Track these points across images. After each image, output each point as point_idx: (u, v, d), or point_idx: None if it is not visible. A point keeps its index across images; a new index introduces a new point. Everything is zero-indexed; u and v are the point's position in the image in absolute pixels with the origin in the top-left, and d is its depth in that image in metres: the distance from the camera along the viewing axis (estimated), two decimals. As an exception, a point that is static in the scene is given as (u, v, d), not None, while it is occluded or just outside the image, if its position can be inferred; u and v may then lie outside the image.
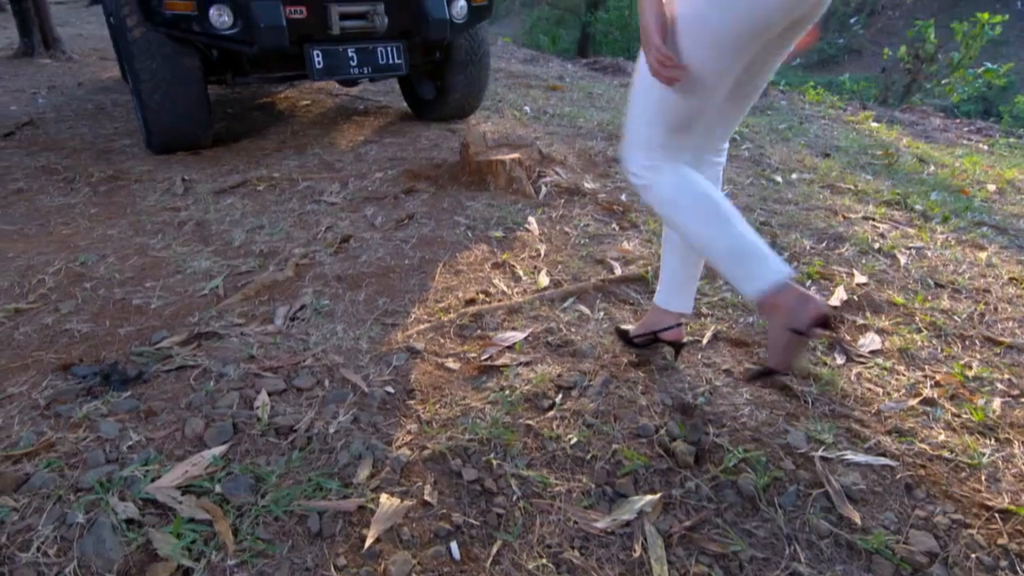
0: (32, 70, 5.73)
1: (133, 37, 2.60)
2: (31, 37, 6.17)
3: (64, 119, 3.81)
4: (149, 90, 2.66)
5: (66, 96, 4.56)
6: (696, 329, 1.56)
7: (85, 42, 7.57)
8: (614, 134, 3.42)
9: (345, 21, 2.64)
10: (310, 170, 2.72)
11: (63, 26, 7.96)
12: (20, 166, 2.87)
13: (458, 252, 1.99)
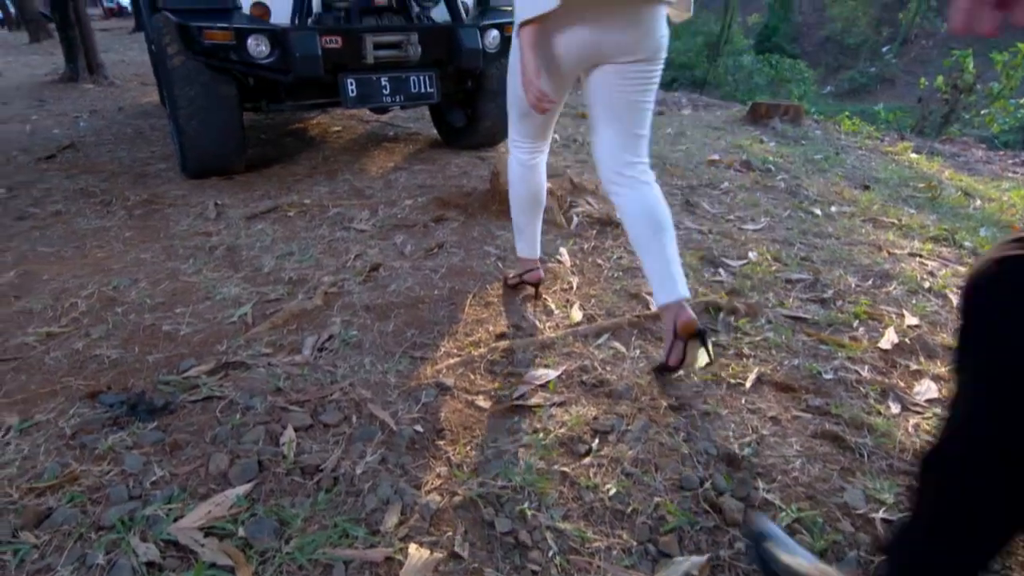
0: (76, 94, 5.93)
1: (173, 65, 2.66)
2: (76, 63, 6.41)
3: (104, 143, 3.91)
4: (186, 116, 2.71)
5: (107, 120, 4.69)
6: (738, 371, 1.49)
7: (127, 68, 7.85)
8: (645, 163, 3.37)
9: (379, 51, 2.66)
10: (340, 196, 2.73)
11: (107, 52, 8.28)
12: (60, 188, 2.93)
13: (488, 283, 1.94)
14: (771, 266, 2.04)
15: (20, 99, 5.76)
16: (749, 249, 2.17)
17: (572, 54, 1.37)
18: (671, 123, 4.95)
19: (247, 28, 2.50)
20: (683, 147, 3.93)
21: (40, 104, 5.44)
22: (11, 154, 3.65)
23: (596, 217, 2.37)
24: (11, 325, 1.77)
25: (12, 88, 6.46)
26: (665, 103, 6.16)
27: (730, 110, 5.82)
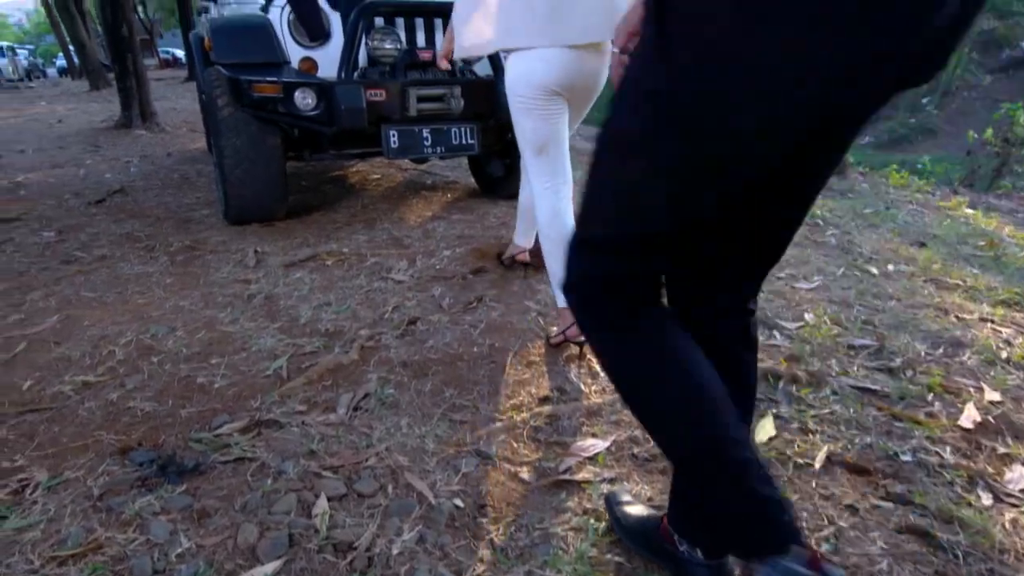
0: (128, 140, 6.19)
1: (222, 116, 2.72)
2: (131, 111, 6.72)
3: (151, 187, 4.02)
4: (232, 165, 2.75)
5: (156, 165, 4.85)
6: (805, 449, 1.37)
7: (178, 115, 8.21)
8: (686, 215, 3.30)
9: (422, 103, 2.69)
10: (379, 246, 2.71)
11: (159, 100, 8.69)
12: (107, 233, 2.98)
13: (529, 341, 1.87)
14: (831, 330, 1.92)
15: (77, 144, 6.03)
16: (805, 310, 2.06)
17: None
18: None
19: (294, 81, 2.55)
20: (724, 199, 3.85)
21: (95, 149, 5.69)
22: (64, 197, 3.77)
23: (640, 272, 2.29)
24: (50, 373, 1.75)
25: (71, 133, 6.79)
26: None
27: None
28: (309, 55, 2.86)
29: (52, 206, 3.56)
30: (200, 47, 3.57)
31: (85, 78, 13.04)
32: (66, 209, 3.48)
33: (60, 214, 3.38)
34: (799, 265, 2.55)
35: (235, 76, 2.59)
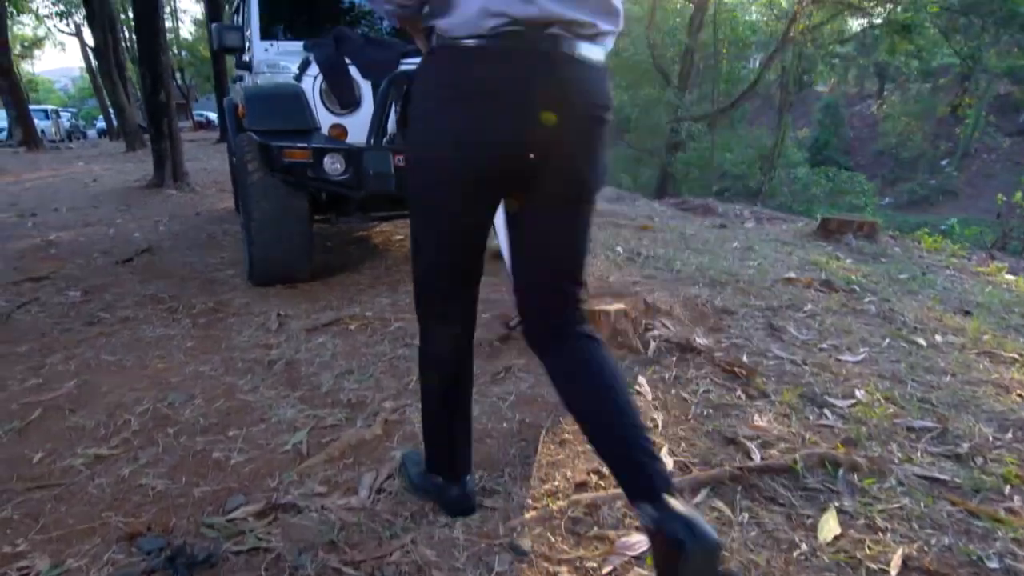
0: (159, 200, 6.35)
1: (252, 180, 2.74)
2: (163, 171, 6.93)
3: (178, 247, 4.06)
4: (259, 227, 2.75)
5: (184, 225, 4.93)
6: (877, 551, 1.23)
7: (208, 175, 8.45)
8: (716, 280, 3.22)
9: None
10: (403, 309, 2.66)
11: (191, 161, 8.97)
12: (131, 293, 2.98)
13: (562, 416, 1.76)
14: (886, 409, 1.79)
15: (110, 203, 6.19)
16: (855, 386, 1.93)
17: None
18: (736, 236, 4.84)
19: (324, 147, 2.57)
20: (754, 263, 3.77)
21: (126, 208, 5.83)
22: (93, 256, 3.81)
23: (675, 342, 2.19)
24: (62, 444, 1.68)
25: (105, 192, 7.00)
26: (727, 216, 6.09)
27: (796, 224, 5.69)
28: (339, 122, 2.90)
29: (81, 265, 3.59)
30: (233, 113, 3.67)
31: (122, 139, 13.61)
32: (94, 268, 3.51)
33: (87, 273, 3.40)
34: (840, 335, 2.43)
35: (266, 142, 2.62)
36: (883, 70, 28.64)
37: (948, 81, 26.77)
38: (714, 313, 2.58)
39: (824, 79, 29.08)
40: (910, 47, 17.53)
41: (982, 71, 22.42)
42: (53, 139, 19.74)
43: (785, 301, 2.85)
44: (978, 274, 4.03)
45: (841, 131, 28.44)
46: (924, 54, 18.75)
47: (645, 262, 3.67)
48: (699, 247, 4.22)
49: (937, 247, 4.72)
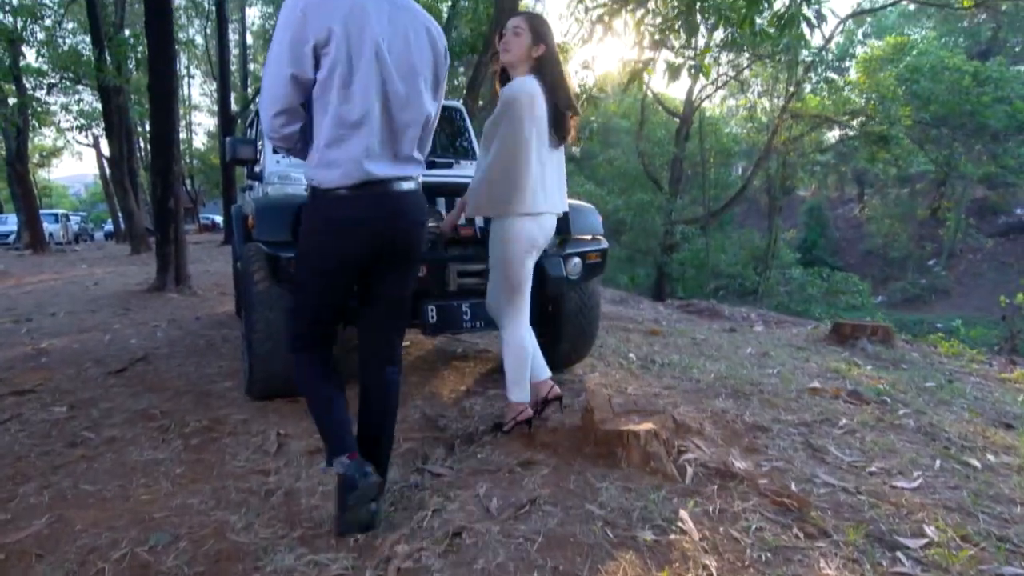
0: (159, 303, 6.26)
1: (257, 290, 2.65)
2: (166, 274, 6.91)
3: (175, 355, 3.91)
4: (261, 339, 2.63)
5: (183, 330, 4.80)
6: None
7: (210, 277, 8.44)
8: (739, 390, 3.06)
9: (463, 278, 2.62)
10: (411, 427, 2.47)
11: (195, 263, 9.01)
12: (121, 409, 2.79)
13: (599, 562, 1.55)
14: (966, 551, 1.58)
15: (109, 307, 6.10)
16: (922, 521, 1.73)
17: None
18: (747, 341, 4.73)
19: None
20: (773, 370, 3.63)
21: (125, 312, 5.72)
22: (84, 366, 3.65)
23: (713, 467, 2.00)
24: (20, 601, 1.45)
25: (105, 296, 6.93)
26: (734, 319, 6.02)
27: (806, 328, 5.61)
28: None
29: (70, 376, 3.42)
30: (242, 222, 3.67)
31: (128, 242, 13.81)
32: (83, 380, 3.33)
33: (76, 385, 3.22)
34: (887, 455, 2.24)
35: (275, 253, 2.54)
36: (862, 176, 29.98)
37: (925, 186, 27.95)
38: (747, 430, 2.41)
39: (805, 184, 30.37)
40: (888, 156, 18.48)
41: (957, 177, 23.45)
42: (60, 241, 20.08)
43: (817, 415, 2.68)
44: (1004, 381, 3.89)
45: (827, 232, 29.29)
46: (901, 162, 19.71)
47: (661, 370, 3.52)
48: (713, 353, 4.10)
49: (955, 352, 4.61)
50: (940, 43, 23.75)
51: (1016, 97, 19.37)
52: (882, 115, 16.91)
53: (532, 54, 2.12)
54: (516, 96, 2.08)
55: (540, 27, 2.15)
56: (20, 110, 12.92)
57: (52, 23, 12.55)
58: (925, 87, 18.73)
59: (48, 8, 12.55)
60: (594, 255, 2.93)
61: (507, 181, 2.13)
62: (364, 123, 1.53)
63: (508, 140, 2.08)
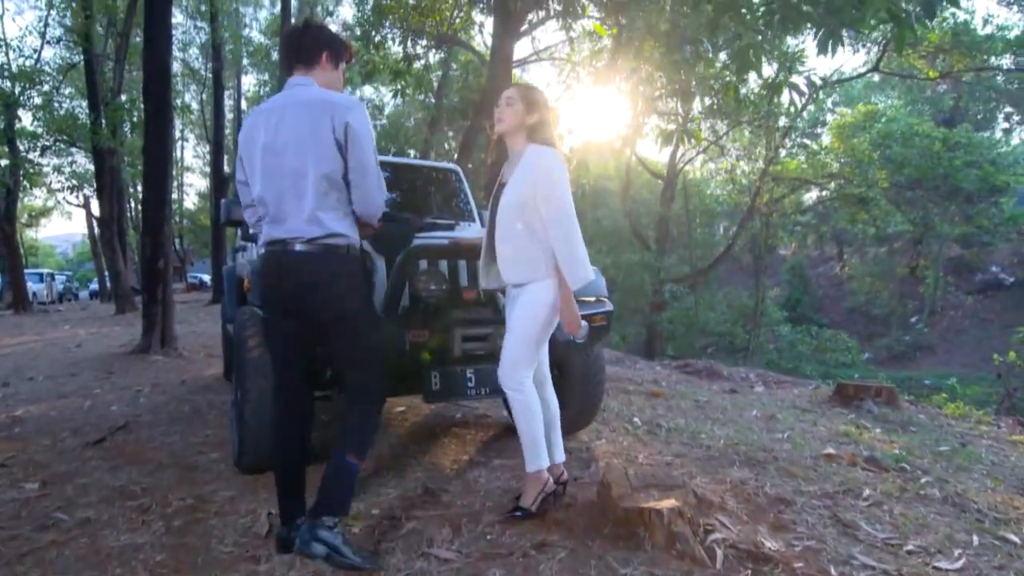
0: (143, 366, 6.05)
1: (250, 357, 2.53)
2: (152, 336, 6.72)
3: (158, 423, 3.71)
4: (254, 409, 2.48)
5: (167, 395, 4.60)
6: None
7: (197, 338, 8.23)
8: (752, 457, 2.94)
9: (467, 343, 2.52)
10: (414, 504, 2.31)
11: (181, 323, 8.80)
12: (98, 485, 2.60)
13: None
14: (1030, 645, 1.45)
15: (90, 370, 5.88)
16: (975, 609, 1.60)
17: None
18: (751, 402, 4.62)
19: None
20: (783, 435, 3.52)
21: (107, 376, 5.50)
22: (61, 436, 3.44)
23: (743, 549, 1.86)
24: None
25: (87, 358, 6.70)
26: (733, 379, 5.92)
27: (808, 388, 5.52)
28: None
29: (45, 447, 3.21)
30: (236, 285, 3.57)
31: (113, 302, 13.57)
32: (59, 451, 3.13)
33: (51, 458, 3.02)
34: (921, 531, 2.12)
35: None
36: (841, 235, 30.68)
37: (902, 245, 28.62)
38: (770, 504, 2.27)
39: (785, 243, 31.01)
40: (867, 216, 19.03)
41: (934, 236, 24.09)
42: (44, 301, 19.70)
43: (838, 485, 2.56)
44: (1016, 444, 3.79)
45: (810, 290, 29.67)
46: (879, 222, 20.26)
47: (669, 435, 3.39)
48: (719, 416, 3.98)
49: (962, 414, 4.54)
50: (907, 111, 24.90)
51: (984, 161, 20.17)
52: (860, 178, 17.50)
53: (526, 122, 2.16)
54: (562, 165, 2.13)
55: (532, 96, 2.19)
56: (12, 171, 12.93)
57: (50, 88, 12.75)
58: (898, 152, 19.46)
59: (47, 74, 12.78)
60: (599, 318, 2.85)
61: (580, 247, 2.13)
62: (260, 201, 1.96)
63: (569, 207, 2.09)
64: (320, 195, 1.88)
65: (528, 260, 2.13)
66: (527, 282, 2.14)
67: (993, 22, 18.29)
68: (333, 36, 2.06)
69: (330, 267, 1.91)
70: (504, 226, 2.15)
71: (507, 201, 2.14)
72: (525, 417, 2.14)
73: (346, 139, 1.87)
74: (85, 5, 10.12)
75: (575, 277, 2.07)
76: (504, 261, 2.17)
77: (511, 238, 2.14)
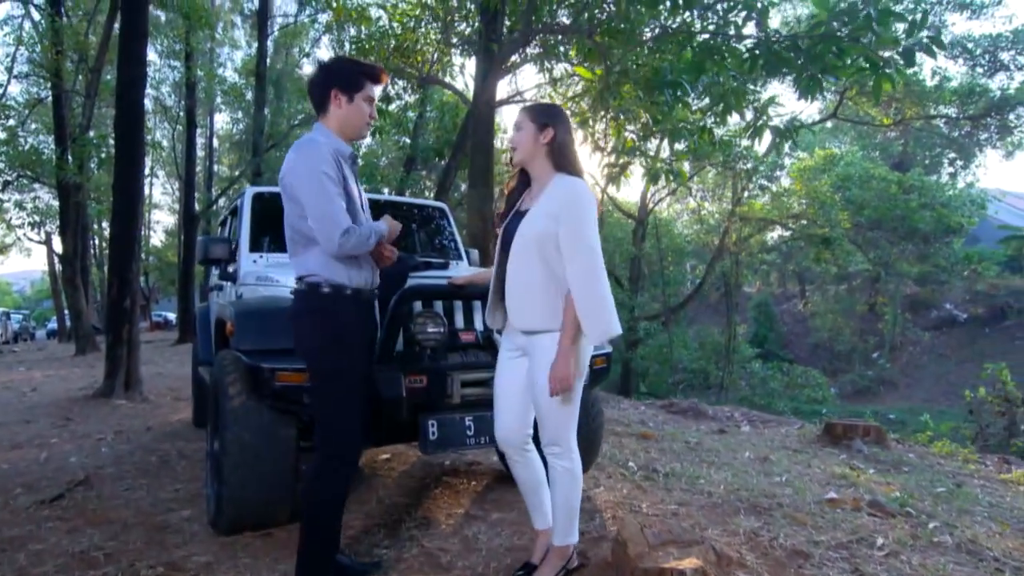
0: (105, 411, 5.70)
1: (231, 406, 2.35)
2: (115, 379, 6.36)
3: (123, 475, 3.45)
4: (234, 464, 2.28)
5: (132, 444, 4.31)
6: None
7: (163, 381, 7.85)
8: (756, 504, 2.85)
9: (466, 388, 2.40)
10: (411, 568, 2.14)
11: (146, 364, 8.40)
12: (54, 551, 2.35)
13: None
14: None
15: (47, 417, 5.50)
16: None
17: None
18: (741, 443, 4.55)
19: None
20: (780, 478, 3.45)
21: (65, 423, 5.15)
22: (13, 492, 3.15)
23: (770, 611, 1.75)
24: None
25: (44, 404, 6.28)
26: (719, 418, 5.87)
27: (794, 427, 5.49)
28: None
29: (-5, 507, 2.93)
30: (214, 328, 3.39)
31: (73, 342, 12.95)
32: (11, 511, 2.85)
33: (1, 519, 2.75)
34: (944, 583, 2.04)
35: (256, 364, 2.28)
36: (803, 274, 31.51)
37: (861, 283, 29.52)
38: (788, 557, 2.17)
39: (750, 281, 31.67)
40: (830, 256, 19.66)
41: (891, 275, 24.92)
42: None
43: (850, 533, 2.48)
44: (1007, 483, 3.79)
45: (776, 326, 30.22)
46: (841, 262, 20.90)
47: (667, 481, 3.28)
48: (713, 459, 3.89)
49: (948, 452, 4.55)
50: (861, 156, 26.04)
51: (937, 203, 21.12)
52: (823, 219, 18.11)
53: (541, 141, 1.92)
54: (590, 197, 1.88)
55: (542, 113, 1.96)
56: (-32, 206, 12.43)
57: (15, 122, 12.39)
58: (857, 194, 20.24)
59: (12, 108, 12.44)
60: (600, 359, 2.77)
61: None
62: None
63: (595, 246, 1.84)
64: (292, 242, 1.97)
65: (545, 304, 1.86)
66: (543, 330, 1.88)
67: (940, 74, 19.38)
68: (341, 67, 1.98)
69: (295, 307, 1.98)
70: (518, 261, 1.90)
71: (524, 233, 1.89)
72: (570, 487, 1.93)
73: (288, 187, 1.91)
74: (56, 41, 9.95)
75: (595, 330, 1.79)
76: (515, 302, 1.92)
77: (525, 276, 1.88)
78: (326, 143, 1.92)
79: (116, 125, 6.65)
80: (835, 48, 3.52)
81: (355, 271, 1.96)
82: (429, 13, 6.55)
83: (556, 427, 1.91)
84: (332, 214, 1.85)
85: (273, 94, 15.38)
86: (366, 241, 1.90)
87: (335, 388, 1.90)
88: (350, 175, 1.99)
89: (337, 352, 1.89)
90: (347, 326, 1.93)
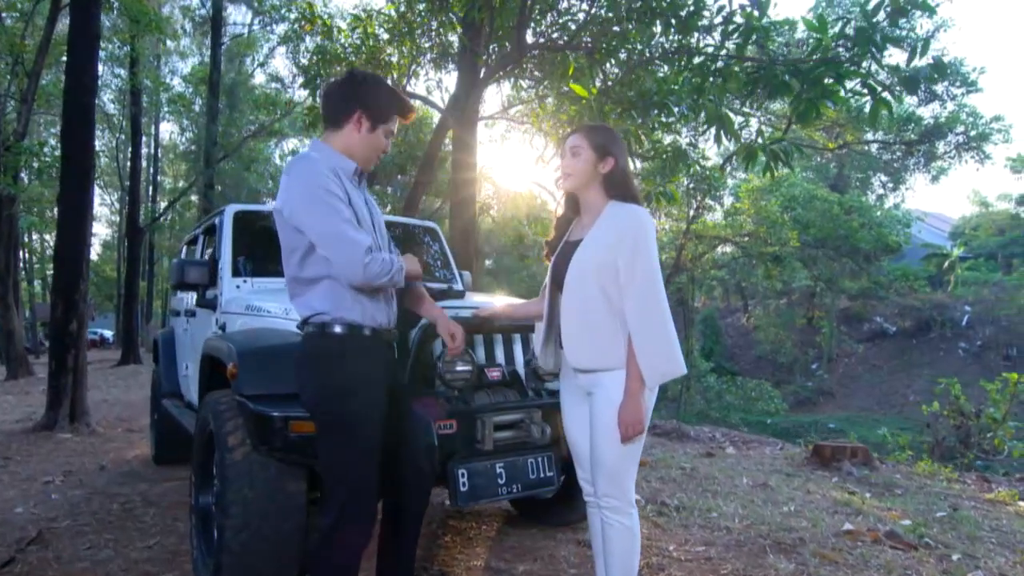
0: (49, 447, 5.17)
1: (233, 459, 2.06)
2: (58, 410, 5.82)
3: (82, 529, 3.07)
4: (237, 526, 2.01)
5: (86, 487, 3.89)
6: None
7: (111, 409, 7.27)
8: (779, 540, 2.78)
9: (498, 432, 2.22)
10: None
11: (90, 390, 7.72)
12: (23, 633, 2.03)
13: None
14: None
15: (-22, 456, 4.94)
16: None
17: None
18: (732, 467, 4.52)
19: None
20: (788, 507, 3.41)
21: (4, 463, 4.62)
22: (-46, 557, 2.75)
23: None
24: None
25: (-30, 440, 5.67)
26: (701, 439, 5.86)
27: (777, 448, 5.53)
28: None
29: (-66, 575, 2.54)
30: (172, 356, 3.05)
31: (4, 365, 11.89)
32: (-44, 581, 2.48)
33: (-54, 591, 2.38)
34: (997, 628, 2.00)
35: (263, 411, 2.01)
36: (745, 288, 32.64)
37: (799, 297, 30.82)
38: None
39: (697, 296, 32.59)
40: (779, 272, 20.43)
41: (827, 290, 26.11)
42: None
43: (885, 572, 2.43)
44: (995, 503, 3.88)
45: (721, 340, 31.17)
46: (787, 278, 21.75)
47: (682, 517, 3.18)
48: (716, 488, 3.83)
49: (931, 471, 4.66)
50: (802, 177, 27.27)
51: (873, 223, 22.30)
52: (773, 237, 18.80)
53: (600, 171, 1.79)
54: (651, 226, 1.77)
55: (603, 139, 1.81)
56: None
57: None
58: (802, 214, 21.15)
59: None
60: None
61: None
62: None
63: (657, 278, 1.72)
64: (294, 283, 1.76)
65: (605, 340, 1.72)
66: (602, 368, 1.74)
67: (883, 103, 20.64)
68: (379, 92, 1.74)
69: (300, 352, 1.79)
70: (575, 295, 1.76)
71: (581, 265, 1.76)
72: (630, 546, 1.77)
73: (287, 217, 1.67)
74: (-12, 42, 9.23)
75: (654, 371, 1.68)
76: (572, 339, 1.78)
77: (583, 311, 1.75)
78: (321, 159, 1.68)
79: (63, 133, 6.17)
80: (835, 73, 3.57)
81: (371, 306, 1.71)
82: (405, 24, 6.38)
83: (616, 476, 1.75)
84: (344, 233, 1.59)
85: (226, 104, 14.76)
86: (390, 269, 1.64)
87: (348, 441, 1.66)
88: (355, 192, 1.73)
89: (350, 401, 1.65)
90: (361, 374, 1.68)
